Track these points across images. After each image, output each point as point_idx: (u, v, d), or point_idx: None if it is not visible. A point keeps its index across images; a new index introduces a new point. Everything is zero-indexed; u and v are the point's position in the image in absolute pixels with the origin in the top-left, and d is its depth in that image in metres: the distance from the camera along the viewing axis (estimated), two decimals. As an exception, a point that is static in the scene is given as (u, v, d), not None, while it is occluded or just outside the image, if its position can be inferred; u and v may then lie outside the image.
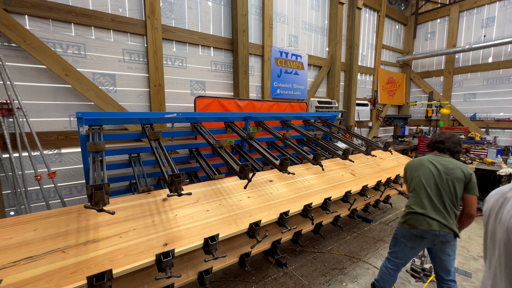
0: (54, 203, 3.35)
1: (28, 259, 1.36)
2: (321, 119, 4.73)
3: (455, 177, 1.99)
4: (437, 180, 2.05)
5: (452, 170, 2.02)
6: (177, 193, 1.75)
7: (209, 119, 3.37)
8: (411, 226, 2.07)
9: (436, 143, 2.25)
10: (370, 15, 7.73)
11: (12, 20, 2.91)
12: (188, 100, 4.41)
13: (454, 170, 2.02)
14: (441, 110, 7.75)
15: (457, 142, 2.20)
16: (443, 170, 2.05)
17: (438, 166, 2.09)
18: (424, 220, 2.01)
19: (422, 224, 2.01)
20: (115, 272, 1.36)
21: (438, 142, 2.24)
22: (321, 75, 6.48)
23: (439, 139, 2.24)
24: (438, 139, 2.24)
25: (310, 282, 2.84)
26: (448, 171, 2.03)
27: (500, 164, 4.78)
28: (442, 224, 1.97)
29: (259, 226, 1.95)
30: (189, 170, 3.33)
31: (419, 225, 2.02)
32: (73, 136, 3.43)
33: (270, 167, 2.95)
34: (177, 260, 1.89)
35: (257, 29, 5.16)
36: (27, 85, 3.14)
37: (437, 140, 2.25)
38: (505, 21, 6.96)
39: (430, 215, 2.00)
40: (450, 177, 2.01)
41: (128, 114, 2.94)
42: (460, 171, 2.00)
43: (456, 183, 1.99)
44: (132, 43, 3.79)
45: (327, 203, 2.54)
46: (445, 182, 2.02)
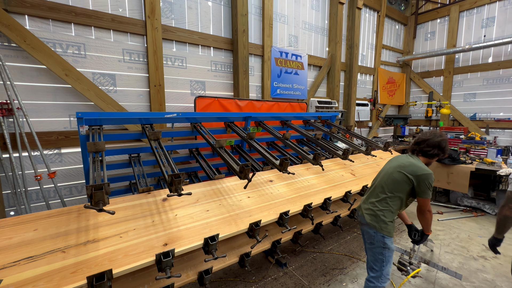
0: (54, 203, 3.35)
1: (28, 259, 1.36)
2: (321, 119, 4.73)
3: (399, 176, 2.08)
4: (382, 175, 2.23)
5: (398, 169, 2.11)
6: (177, 193, 1.75)
7: (209, 119, 3.37)
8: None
9: (412, 145, 2.25)
10: (370, 15, 7.73)
11: (12, 20, 2.91)
12: (188, 100, 4.41)
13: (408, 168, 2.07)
14: (441, 110, 7.75)
15: (434, 145, 2.11)
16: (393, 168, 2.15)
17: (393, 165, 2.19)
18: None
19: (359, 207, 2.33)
20: (115, 272, 1.36)
21: (414, 144, 2.24)
22: (321, 75, 6.48)
23: (416, 140, 2.23)
24: (416, 140, 2.23)
25: (310, 282, 2.84)
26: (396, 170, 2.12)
27: (500, 164, 4.78)
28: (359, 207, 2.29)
29: (259, 226, 1.95)
30: (189, 170, 3.33)
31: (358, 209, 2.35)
32: (73, 136, 3.43)
33: (270, 167, 2.95)
34: (177, 260, 1.89)
35: (257, 29, 5.16)
36: (27, 85, 3.14)
37: (414, 142, 2.24)
38: (505, 21, 6.96)
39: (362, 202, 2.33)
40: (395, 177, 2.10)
41: (128, 114, 2.94)
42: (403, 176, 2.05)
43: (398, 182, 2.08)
44: (132, 43, 3.79)
45: (327, 203, 2.54)
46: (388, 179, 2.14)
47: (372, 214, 2.13)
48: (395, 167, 2.14)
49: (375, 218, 2.11)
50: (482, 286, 2.82)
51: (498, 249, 2.09)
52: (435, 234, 3.99)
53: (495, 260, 3.28)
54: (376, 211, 2.12)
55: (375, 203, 2.15)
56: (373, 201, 2.17)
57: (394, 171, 2.12)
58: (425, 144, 2.15)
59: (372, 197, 2.20)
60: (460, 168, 4.87)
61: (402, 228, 4.15)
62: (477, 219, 4.61)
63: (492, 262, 3.24)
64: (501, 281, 2.91)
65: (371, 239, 2.14)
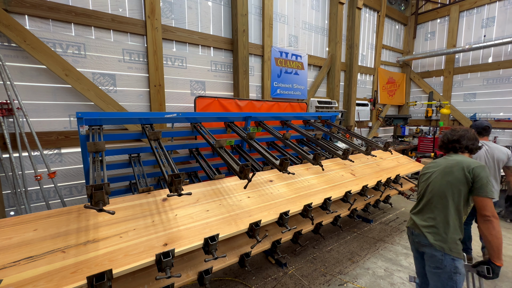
0: (54, 203, 3.35)
1: (28, 259, 1.36)
2: (321, 119, 4.73)
3: (454, 178, 1.75)
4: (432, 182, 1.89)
5: (451, 169, 1.78)
6: (177, 193, 1.75)
7: (209, 119, 3.37)
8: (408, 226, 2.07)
9: (451, 143, 1.96)
10: (370, 15, 7.73)
11: (12, 20, 2.91)
12: (188, 100, 4.41)
13: (453, 170, 1.77)
14: (441, 110, 7.76)
15: (474, 138, 1.94)
16: (443, 171, 1.83)
17: (441, 167, 1.87)
18: (410, 219, 2.02)
19: (409, 222, 2.02)
20: (115, 272, 1.36)
21: (453, 142, 1.95)
22: (321, 75, 6.48)
23: (453, 138, 1.95)
24: (452, 137, 1.95)
25: (310, 282, 2.84)
26: (447, 170, 1.80)
27: (500, 164, 4.77)
28: (415, 224, 1.91)
29: (259, 226, 1.95)
30: (189, 170, 3.33)
31: (408, 223, 2.04)
32: (73, 136, 3.43)
33: (270, 167, 2.95)
34: (177, 260, 1.89)
35: (257, 29, 5.16)
36: (27, 85, 3.14)
37: (451, 140, 1.95)
38: (505, 21, 6.96)
39: (412, 215, 2.00)
40: (447, 179, 1.78)
41: (128, 114, 2.94)
42: (461, 170, 1.73)
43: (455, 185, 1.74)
44: (132, 43, 3.79)
45: (327, 203, 2.54)
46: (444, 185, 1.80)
47: (437, 233, 1.77)
48: (444, 169, 1.83)
49: (441, 237, 1.75)
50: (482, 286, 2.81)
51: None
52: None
53: (495, 260, 3.27)
54: (441, 228, 1.76)
55: (437, 219, 1.79)
56: (433, 216, 1.82)
57: (446, 174, 1.79)
58: (466, 139, 1.92)
59: (429, 211, 1.85)
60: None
61: (402, 228, 4.15)
62: (477, 219, 4.60)
63: (492, 262, 3.24)
64: (501, 281, 2.91)
65: (438, 263, 1.75)
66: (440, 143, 2.09)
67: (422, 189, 2.00)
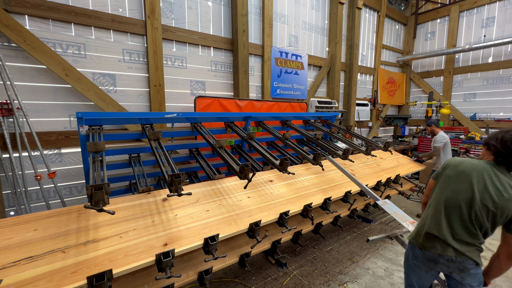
0: (54, 203, 3.35)
1: (28, 259, 1.36)
2: (321, 119, 4.73)
3: (506, 211, 1.45)
4: (476, 208, 1.50)
5: (506, 202, 1.44)
6: (177, 193, 1.75)
7: (209, 119, 3.37)
8: (423, 247, 1.66)
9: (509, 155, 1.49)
10: (370, 15, 7.73)
11: (12, 20, 2.91)
12: (188, 100, 4.41)
13: (508, 203, 1.44)
14: (441, 110, 7.76)
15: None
16: (490, 198, 1.47)
17: (491, 189, 1.48)
18: (437, 243, 1.59)
19: (435, 247, 1.60)
20: (115, 272, 1.36)
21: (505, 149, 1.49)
22: (321, 75, 6.48)
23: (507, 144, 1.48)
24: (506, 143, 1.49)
25: (310, 282, 2.84)
26: (500, 201, 1.45)
27: (500, 164, 4.78)
28: (458, 251, 1.54)
29: (259, 226, 1.95)
30: (189, 170, 3.33)
31: (432, 248, 1.61)
32: (73, 136, 3.43)
33: (270, 167, 2.95)
34: (177, 260, 1.89)
35: (257, 29, 5.16)
36: (27, 85, 3.14)
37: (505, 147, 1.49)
38: (505, 21, 6.96)
39: (446, 241, 1.56)
40: (495, 210, 1.47)
41: (128, 114, 2.94)
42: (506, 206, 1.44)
43: (500, 218, 1.48)
44: (132, 43, 3.79)
45: (327, 203, 2.54)
46: (485, 213, 1.49)
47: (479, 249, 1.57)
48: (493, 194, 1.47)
49: (478, 253, 1.57)
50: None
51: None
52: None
53: (495, 260, 3.28)
54: (478, 247, 1.57)
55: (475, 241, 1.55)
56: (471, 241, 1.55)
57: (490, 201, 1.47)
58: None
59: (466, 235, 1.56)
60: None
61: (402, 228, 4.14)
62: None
63: (492, 262, 3.24)
64: (501, 281, 2.90)
65: (479, 278, 1.61)
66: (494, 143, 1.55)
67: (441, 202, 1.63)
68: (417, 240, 1.71)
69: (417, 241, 1.70)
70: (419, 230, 1.72)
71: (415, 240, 1.73)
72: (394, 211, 2.28)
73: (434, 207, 1.68)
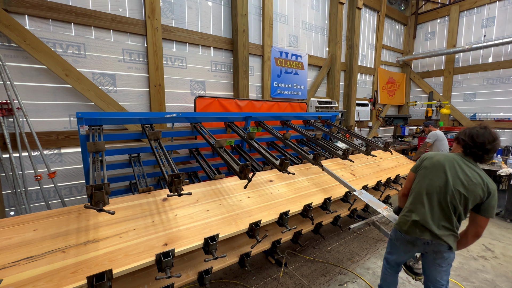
0: (54, 203, 3.35)
1: (28, 259, 1.36)
2: (321, 119, 4.73)
3: (474, 194, 1.71)
4: (449, 192, 1.76)
5: (474, 187, 1.71)
6: (177, 193, 1.75)
7: (209, 119, 3.37)
8: (404, 231, 1.93)
9: (478, 149, 1.76)
10: (370, 15, 7.73)
11: (12, 20, 2.91)
12: (188, 100, 4.41)
13: (476, 187, 1.71)
14: (441, 110, 7.76)
15: (496, 150, 1.78)
16: (462, 184, 1.73)
17: (461, 176, 1.75)
18: (416, 228, 1.85)
19: (414, 232, 1.86)
20: (115, 272, 1.36)
21: (482, 150, 1.75)
22: (321, 75, 6.48)
23: (485, 146, 1.73)
24: (483, 145, 1.74)
25: (310, 282, 2.84)
26: (469, 186, 1.72)
27: (500, 164, 4.78)
28: (434, 235, 1.79)
29: (259, 226, 1.95)
30: (189, 170, 3.33)
31: (411, 232, 1.88)
32: (73, 136, 3.43)
33: (270, 167, 2.95)
34: (177, 260, 1.89)
35: (257, 29, 5.16)
36: (27, 85, 3.14)
37: (482, 147, 1.74)
38: (505, 21, 6.96)
39: (424, 224, 1.82)
40: (466, 193, 1.72)
41: (128, 114, 2.94)
42: (482, 190, 1.71)
43: (471, 201, 1.73)
44: (132, 43, 3.79)
45: (327, 203, 2.54)
46: (457, 196, 1.74)
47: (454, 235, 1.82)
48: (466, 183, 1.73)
49: (455, 239, 1.82)
50: (482, 286, 2.82)
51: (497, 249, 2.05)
52: (435, 234, 3.99)
53: (495, 260, 3.28)
54: (454, 233, 1.81)
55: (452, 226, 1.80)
56: (448, 226, 1.80)
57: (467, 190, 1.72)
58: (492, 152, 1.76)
59: (446, 220, 1.80)
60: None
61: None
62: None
63: (492, 262, 3.24)
64: (501, 281, 2.91)
65: (450, 261, 1.88)
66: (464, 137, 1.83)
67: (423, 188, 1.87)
68: (399, 226, 1.97)
69: (400, 227, 1.97)
70: (401, 217, 1.98)
71: (398, 226, 1.99)
72: (370, 199, 2.52)
73: (416, 195, 1.92)
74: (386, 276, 2.23)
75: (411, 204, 1.93)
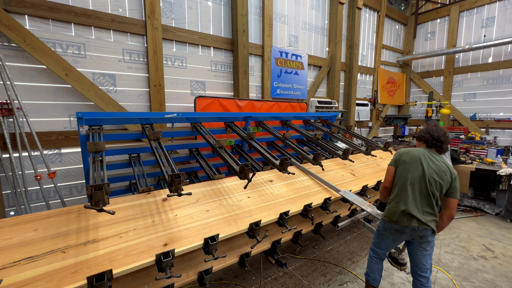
0: (54, 203, 3.35)
1: (28, 259, 1.36)
2: (321, 119, 4.73)
3: (445, 180, 2.02)
4: (427, 180, 2.04)
5: (444, 174, 2.03)
6: (177, 193, 1.75)
7: (209, 119, 3.37)
8: (392, 221, 2.11)
9: (435, 141, 2.16)
10: (370, 15, 7.73)
11: (12, 20, 2.91)
12: (188, 100, 4.41)
13: (445, 174, 2.03)
14: (441, 110, 7.76)
15: (449, 141, 2.21)
16: (435, 172, 2.04)
17: (432, 166, 2.07)
18: (404, 217, 2.05)
19: (402, 221, 2.06)
20: (115, 272, 1.36)
21: (439, 142, 2.15)
22: (321, 75, 6.48)
23: (439, 138, 2.14)
24: (438, 137, 2.14)
25: (310, 282, 2.84)
26: (440, 174, 2.03)
27: (500, 164, 4.78)
28: (420, 221, 2.02)
29: (259, 226, 1.95)
30: (189, 170, 3.33)
31: (400, 221, 2.07)
32: (73, 136, 3.43)
33: (270, 167, 2.95)
34: (177, 260, 1.89)
35: (257, 29, 5.16)
36: (27, 85, 3.14)
37: (437, 139, 2.15)
38: (505, 21, 6.96)
39: (411, 212, 2.03)
40: (440, 180, 2.02)
41: (128, 114, 2.94)
42: (449, 176, 2.04)
43: (444, 186, 2.03)
44: (132, 43, 3.79)
45: (327, 203, 2.54)
46: (433, 183, 2.03)
47: (436, 220, 2.07)
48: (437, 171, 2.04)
49: (436, 223, 2.07)
50: (482, 286, 2.82)
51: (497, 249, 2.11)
52: (435, 234, 3.99)
53: (495, 260, 3.28)
54: (435, 217, 2.06)
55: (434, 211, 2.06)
56: (431, 211, 2.05)
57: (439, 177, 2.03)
58: (447, 144, 2.15)
59: (428, 206, 2.05)
60: (460, 168, 4.87)
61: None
62: (477, 219, 4.61)
63: (492, 262, 3.24)
64: (501, 281, 2.91)
65: (433, 244, 2.14)
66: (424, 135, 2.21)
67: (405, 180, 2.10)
68: (388, 217, 2.15)
69: (389, 218, 2.14)
70: (389, 209, 2.16)
71: (387, 218, 2.16)
72: (354, 198, 2.64)
73: (400, 187, 2.12)
74: (373, 264, 2.40)
75: (397, 196, 2.13)
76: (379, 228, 2.29)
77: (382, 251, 2.34)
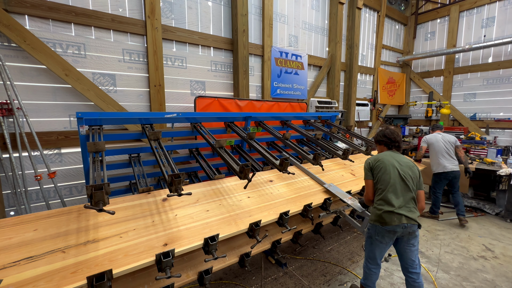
0: (54, 203, 3.35)
1: (28, 259, 1.36)
2: (321, 119, 4.73)
3: (415, 175, 2.21)
4: (404, 178, 2.17)
5: (413, 168, 2.23)
6: (177, 193, 1.75)
7: (209, 119, 3.37)
8: (384, 224, 2.15)
9: (393, 142, 2.35)
10: (370, 15, 7.74)
11: (12, 20, 2.91)
12: (188, 100, 4.41)
13: (414, 168, 2.24)
14: (441, 110, 7.76)
15: (401, 140, 2.40)
16: (405, 169, 2.21)
17: (402, 164, 2.24)
18: (394, 216, 2.11)
19: (393, 221, 2.11)
20: (115, 272, 1.36)
21: (396, 142, 2.35)
22: (321, 75, 6.48)
23: (396, 139, 2.35)
24: (395, 138, 2.35)
25: (310, 282, 2.84)
26: (410, 169, 2.21)
27: (500, 164, 4.78)
28: (408, 218, 2.11)
29: (259, 226, 1.95)
30: (189, 170, 3.33)
31: (391, 222, 2.11)
32: (73, 136, 3.43)
33: (270, 167, 2.95)
34: (177, 260, 1.89)
35: (257, 29, 5.16)
36: (27, 85, 3.14)
37: (395, 140, 2.35)
38: (505, 21, 6.96)
39: (399, 212, 2.10)
40: (413, 174, 2.20)
41: (128, 114, 2.94)
42: (417, 169, 2.24)
43: (416, 180, 2.21)
44: (132, 43, 3.80)
45: (327, 203, 2.54)
46: (409, 179, 2.18)
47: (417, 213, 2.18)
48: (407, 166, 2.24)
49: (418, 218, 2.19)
50: (482, 286, 2.82)
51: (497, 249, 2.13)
52: (435, 234, 3.99)
53: (495, 260, 3.28)
54: (417, 211, 2.19)
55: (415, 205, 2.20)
56: (414, 206, 2.18)
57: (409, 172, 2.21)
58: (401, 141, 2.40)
59: (411, 202, 2.18)
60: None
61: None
62: (477, 219, 4.61)
63: (492, 262, 3.24)
64: (501, 281, 2.91)
65: (418, 239, 2.24)
66: (382, 139, 2.39)
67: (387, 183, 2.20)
68: (378, 221, 2.18)
69: (379, 221, 2.18)
70: (378, 213, 2.19)
71: (377, 222, 2.20)
72: (337, 191, 2.70)
73: (383, 191, 2.19)
74: (373, 276, 2.39)
75: (381, 200, 2.19)
76: (370, 234, 2.30)
77: (379, 257, 2.33)
